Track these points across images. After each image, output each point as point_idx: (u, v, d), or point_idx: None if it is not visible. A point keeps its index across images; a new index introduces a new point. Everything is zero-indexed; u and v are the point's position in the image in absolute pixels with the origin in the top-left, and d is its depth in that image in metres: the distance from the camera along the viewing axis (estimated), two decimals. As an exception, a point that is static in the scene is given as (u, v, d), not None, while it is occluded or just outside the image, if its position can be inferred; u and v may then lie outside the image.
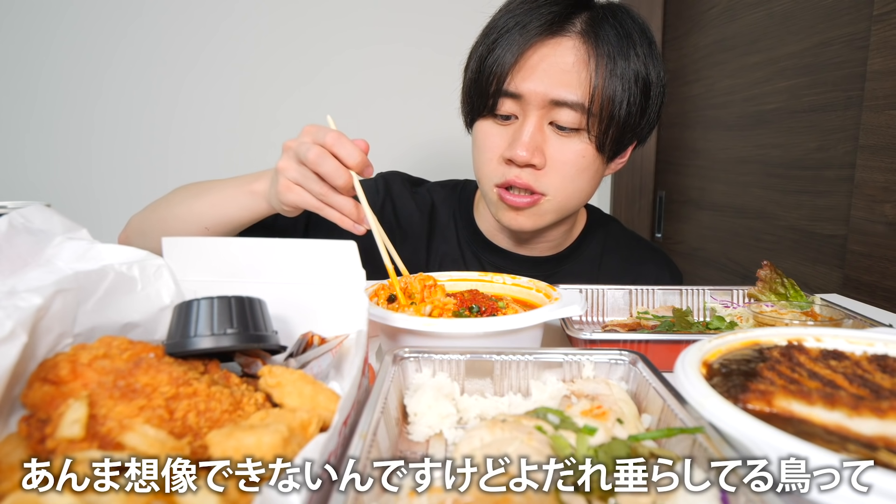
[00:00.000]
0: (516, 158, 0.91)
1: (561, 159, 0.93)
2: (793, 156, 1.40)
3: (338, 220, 0.77)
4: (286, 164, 0.77)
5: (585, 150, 0.93)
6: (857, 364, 0.46)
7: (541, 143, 0.92)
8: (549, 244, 1.11)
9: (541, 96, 0.89)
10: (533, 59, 0.90)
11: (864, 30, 1.16)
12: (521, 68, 0.90)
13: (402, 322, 0.59)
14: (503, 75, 0.90)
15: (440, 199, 1.17)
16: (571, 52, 0.89)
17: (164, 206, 0.96)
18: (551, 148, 0.93)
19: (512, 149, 0.91)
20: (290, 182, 0.77)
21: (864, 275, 1.16)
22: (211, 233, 0.91)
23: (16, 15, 1.71)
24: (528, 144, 0.90)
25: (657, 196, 2.09)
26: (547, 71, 0.89)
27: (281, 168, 0.78)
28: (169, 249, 0.55)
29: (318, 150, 0.74)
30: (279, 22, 1.83)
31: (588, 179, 0.97)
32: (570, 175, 0.94)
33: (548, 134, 0.93)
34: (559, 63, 0.89)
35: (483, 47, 0.94)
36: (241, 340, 0.45)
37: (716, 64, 1.71)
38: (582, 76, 0.89)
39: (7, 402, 0.40)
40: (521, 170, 0.93)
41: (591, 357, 0.50)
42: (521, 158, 0.90)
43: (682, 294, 0.88)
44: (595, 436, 0.39)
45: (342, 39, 1.86)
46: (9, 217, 0.47)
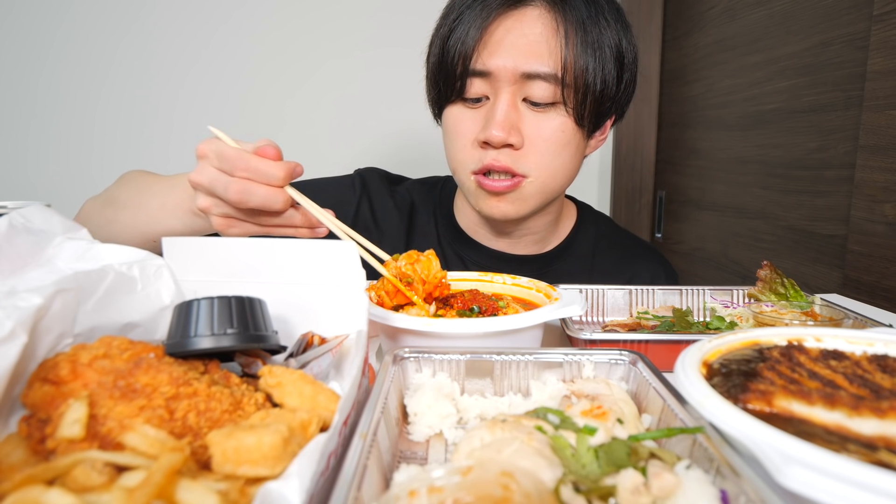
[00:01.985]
0: (492, 139, 0.85)
1: (539, 136, 0.87)
2: (793, 156, 1.40)
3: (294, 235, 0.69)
4: (206, 203, 0.66)
5: (564, 125, 0.88)
6: (857, 364, 0.46)
7: (516, 121, 0.86)
8: (533, 237, 1.06)
9: (510, 71, 0.84)
10: (498, 33, 0.85)
11: (864, 30, 1.15)
12: (487, 44, 0.85)
13: (402, 322, 0.59)
14: (468, 54, 0.85)
15: (420, 197, 1.12)
16: (538, 21, 0.85)
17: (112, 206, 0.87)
18: (528, 125, 0.87)
19: (486, 130, 0.86)
20: (223, 220, 0.67)
21: (864, 275, 1.15)
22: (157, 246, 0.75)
23: (16, 15, 1.71)
24: (502, 123, 0.85)
25: (657, 196, 2.09)
26: (514, 43, 0.84)
27: (203, 209, 0.67)
28: (169, 249, 0.55)
29: (236, 185, 0.63)
30: (280, 23, 1.83)
31: (570, 156, 0.92)
32: (551, 152, 0.89)
33: (523, 111, 0.87)
34: (526, 34, 0.84)
35: (444, 28, 0.89)
36: (241, 340, 0.45)
37: (716, 64, 1.70)
38: (552, 45, 0.84)
39: (7, 402, 0.40)
40: (499, 151, 0.88)
41: (591, 357, 0.50)
42: (497, 138, 0.85)
43: (682, 294, 0.88)
44: (595, 436, 0.39)
45: (346, 43, 1.86)
46: (9, 217, 0.47)
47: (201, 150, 0.66)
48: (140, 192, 0.86)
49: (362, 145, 1.94)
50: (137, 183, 0.89)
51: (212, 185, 0.64)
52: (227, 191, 0.63)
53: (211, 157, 0.65)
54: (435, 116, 1.00)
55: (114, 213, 0.87)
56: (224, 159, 0.64)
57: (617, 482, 0.34)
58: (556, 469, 0.35)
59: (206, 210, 0.67)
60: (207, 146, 0.66)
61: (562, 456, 0.37)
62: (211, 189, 0.65)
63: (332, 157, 1.92)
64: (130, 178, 0.93)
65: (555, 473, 0.35)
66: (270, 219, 0.67)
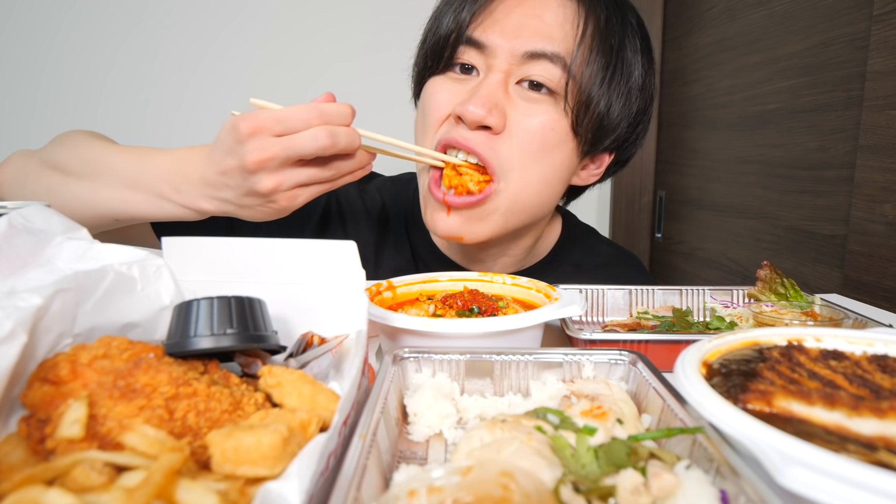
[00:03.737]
0: (466, 114, 0.71)
1: (524, 125, 0.73)
2: (793, 156, 1.40)
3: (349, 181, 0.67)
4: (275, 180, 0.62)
5: (556, 123, 0.74)
6: (857, 364, 0.46)
7: (502, 102, 0.73)
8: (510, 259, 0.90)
9: (509, 50, 0.73)
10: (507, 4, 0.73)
11: (864, 30, 1.15)
12: (492, 13, 0.73)
13: (401, 322, 0.59)
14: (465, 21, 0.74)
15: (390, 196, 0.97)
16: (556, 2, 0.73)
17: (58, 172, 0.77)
18: (515, 110, 0.74)
19: (463, 103, 0.72)
20: (289, 193, 0.63)
21: (864, 275, 1.15)
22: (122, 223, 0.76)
23: (17, 15, 1.71)
24: (485, 98, 0.71)
25: (657, 196, 2.09)
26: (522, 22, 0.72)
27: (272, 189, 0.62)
28: (169, 249, 0.55)
29: (325, 129, 0.60)
30: (285, 27, 1.83)
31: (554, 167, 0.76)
32: (532, 150, 0.74)
33: (513, 95, 0.74)
34: (539, 14, 0.72)
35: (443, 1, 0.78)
36: (240, 340, 0.45)
37: (716, 64, 1.70)
38: (567, 31, 0.73)
39: (7, 402, 0.40)
40: (473, 133, 0.73)
41: (591, 357, 0.50)
42: (473, 116, 0.70)
43: (682, 294, 0.88)
44: (595, 436, 0.39)
45: (351, 46, 1.86)
46: (9, 217, 0.47)
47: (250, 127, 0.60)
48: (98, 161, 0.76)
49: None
50: (92, 149, 0.77)
51: (290, 150, 0.59)
52: (318, 140, 0.59)
53: (269, 126, 0.60)
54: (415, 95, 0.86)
55: (62, 181, 0.76)
56: (291, 118, 0.60)
57: (617, 482, 0.34)
58: (555, 469, 0.35)
59: (274, 190, 0.62)
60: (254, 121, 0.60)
61: (561, 456, 0.36)
62: (289, 154, 0.60)
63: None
64: (79, 140, 0.81)
65: (554, 473, 0.35)
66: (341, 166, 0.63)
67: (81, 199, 0.74)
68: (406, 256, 0.95)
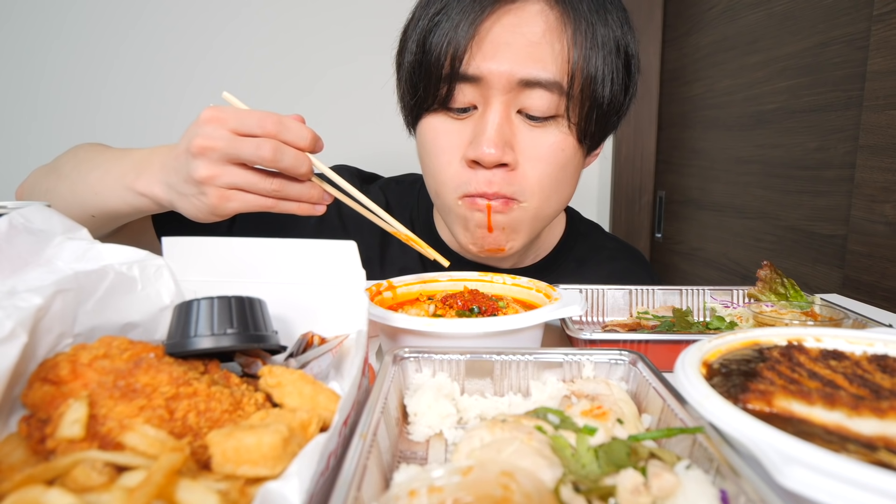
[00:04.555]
0: (483, 158, 0.73)
1: (535, 156, 0.76)
2: (793, 156, 1.40)
3: (296, 211, 0.67)
4: (212, 170, 0.62)
5: (564, 142, 0.76)
6: (857, 364, 0.46)
7: (510, 137, 0.75)
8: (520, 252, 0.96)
9: (506, 77, 0.72)
10: (494, 31, 0.72)
11: (864, 30, 1.15)
12: (481, 42, 0.72)
13: (402, 322, 0.59)
14: (458, 54, 0.72)
15: (395, 197, 0.98)
16: (540, 17, 0.72)
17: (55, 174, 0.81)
18: (523, 142, 0.76)
19: (476, 146, 0.74)
20: (224, 190, 0.63)
21: (864, 275, 1.15)
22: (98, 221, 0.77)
23: (18, 15, 1.71)
24: (495, 139, 0.73)
25: (657, 196, 2.09)
26: (512, 44, 0.71)
27: (206, 178, 0.62)
28: (169, 249, 0.55)
29: (270, 144, 0.60)
30: (286, 27, 1.83)
31: (568, 178, 0.81)
32: (548, 174, 0.77)
33: (517, 125, 0.76)
34: (526, 33, 0.72)
35: (425, 21, 0.75)
36: (241, 340, 0.45)
37: (716, 64, 1.71)
38: (556, 48, 0.72)
39: (7, 402, 0.40)
40: (492, 173, 0.76)
41: (591, 357, 0.50)
42: (490, 157, 0.73)
43: (682, 294, 0.88)
44: (595, 436, 0.39)
45: (350, 46, 1.86)
46: (9, 217, 0.47)
47: (210, 116, 0.61)
48: (82, 161, 0.79)
49: (370, 150, 1.93)
50: (86, 152, 0.81)
51: (232, 148, 0.60)
52: (260, 149, 0.60)
53: (226, 120, 0.61)
54: (408, 126, 0.87)
55: (55, 183, 0.80)
56: (248, 120, 0.61)
57: (617, 482, 0.34)
58: (555, 469, 0.35)
59: (208, 180, 0.62)
60: (217, 111, 0.62)
61: (562, 456, 0.37)
62: (230, 151, 0.60)
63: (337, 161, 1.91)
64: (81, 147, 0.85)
65: (555, 473, 0.35)
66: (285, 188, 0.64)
67: (64, 197, 0.77)
68: (412, 255, 0.95)
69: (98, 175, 0.74)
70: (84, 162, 0.78)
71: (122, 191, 0.72)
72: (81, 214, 0.76)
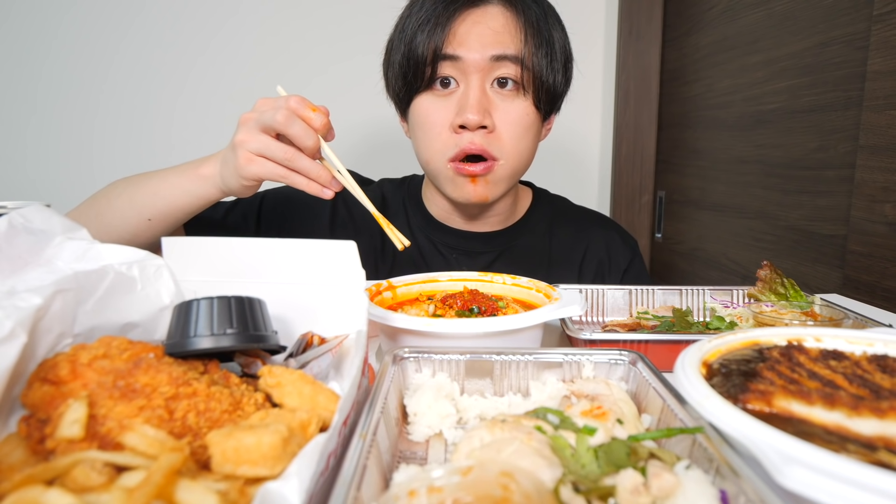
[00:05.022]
0: (468, 122, 0.91)
1: (508, 119, 0.95)
2: (793, 156, 1.40)
3: (304, 187, 0.77)
4: (245, 135, 0.76)
5: (527, 108, 0.96)
6: (857, 364, 0.46)
7: (487, 106, 0.93)
8: (498, 217, 1.13)
9: (479, 56, 0.91)
10: (465, 25, 0.93)
11: (864, 30, 1.15)
12: (456, 34, 0.92)
13: (401, 322, 0.59)
14: (439, 43, 0.92)
15: (390, 191, 1.19)
16: (500, 15, 0.94)
17: (104, 199, 0.91)
18: (497, 110, 0.95)
19: (462, 113, 0.92)
20: (251, 154, 0.75)
21: (864, 275, 1.15)
22: (154, 224, 0.87)
23: (17, 14, 1.71)
24: (477, 106, 0.91)
25: (657, 196, 2.09)
26: (482, 33, 0.92)
27: (240, 141, 0.76)
28: (169, 249, 0.55)
29: (285, 112, 0.73)
30: (282, 24, 1.83)
31: (532, 139, 1.00)
32: (518, 135, 0.96)
33: (492, 97, 0.95)
34: (491, 25, 0.93)
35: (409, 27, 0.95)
36: (240, 340, 0.45)
37: (716, 64, 1.70)
38: (513, 36, 0.93)
39: (7, 402, 0.40)
40: (474, 134, 0.93)
41: (590, 357, 0.50)
42: (474, 120, 0.91)
43: (682, 294, 0.88)
44: (595, 436, 0.39)
45: (349, 45, 1.86)
46: (9, 217, 0.47)
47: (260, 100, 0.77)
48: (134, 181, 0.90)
49: (367, 148, 1.94)
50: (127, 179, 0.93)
51: (260, 117, 0.74)
52: (276, 115, 0.73)
53: (269, 101, 0.76)
54: (400, 112, 1.04)
55: (105, 206, 0.89)
56: (281, 98, 0.75)
57: (616, 482, 0.34)
58: (555, 469, 0.35)
59: (240, 143, 0.75)
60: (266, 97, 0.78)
61: (561, 456, 0.37)
62: (258, 120, 0.75)
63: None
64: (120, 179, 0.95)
65: (554, 473, 0.35)
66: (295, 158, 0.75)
67: (120, 210, 0.87)
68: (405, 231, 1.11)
69: (157, 180, 0.87)
70: (138, 179, 0.90)
71: (184, 181, 0.84)
72: (138, 221, 0.86)
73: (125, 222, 0.86)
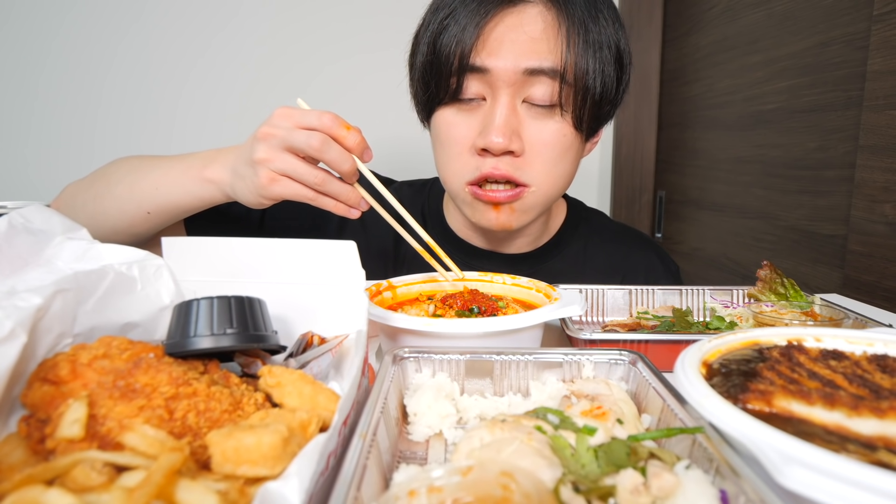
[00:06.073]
0: (492, 146, 0.80)
1: (541, 141, 0.83)
2: (793, 156, 1.40)
3: (332, 208, 0.73)
4: (269, 154, 0.69)
5: (564, 129, 0.84)
6: (857, 364, 0.46)
7: (517, 126, 0.82)
8: (527, 239, 1.02)
9: (511, 69, 0.79)
10: (498, 30, 0.80)
11: (864, 30, 1.15)
12: (486, 41, 0.80)
13: (402, 322, 0.59)
14: (465, 51, 0.79)
15: (408, 198, 1.07)
16: (538, 18, 0.80)
17: (104, 180, 0.86)
18: (528, 130, 0.83)
19: (485, 135, 0.80)
20: (274, 174, 0.70)
21: (864, 275, 1.15)
22: (152, 218, 0.82)
23: (17, 14, 1.71)
24: (503, 128, 0.80)
25: (657, 196, 2.09)
26: (515, 40, 0.79)
27: (262, 160, 0.70)
28: (169, 249, 0.55)
29: (320, 136, 0.68)
30: (283, 24, 1.83)
31: (570, 162, 0.88)
32: (553, 159, 0.85)
33: (522, 115, 0.83)
34: (527, 31, 0.80)
35: (434, 24, 0.83)
36: (240, 340, 0.45)
37: (716, 64, 1.70)
38: (552, 44, 0.80)
39: (7, 402, 0.40)
40: (498, 159, 0.82)
41: (591, 357, 0.50)
42: (498, 145, 0.80)
43: (682, 294, 0.88)
44: (595, 436, 0.39)
45: (348, 45, 1.86)
46: (9, 217, 0.47)
47: (280, 112, 0.71)
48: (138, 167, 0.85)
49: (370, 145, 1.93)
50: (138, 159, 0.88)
51: (290, 136, 0.68)
52: (311, 139, 0.68)
53: (292, 115, 0.70)
54: (422, 120, 0.94)
55: (104, 189, 0.84)
56: (311, 115, 0.69)
57: (616, 482, 0.34)
58: (555, 469, 0.35)
59: (263, 162, 0.70)
60: (287, 108, 0.71)
61: (561, 456, 0.37)
62: (287, 139, 0.68)
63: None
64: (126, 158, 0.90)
65: (554, 473, 0.35)
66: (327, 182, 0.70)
67: (120, 197, 0.82)
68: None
69: (160, 173, 0.81)
70: (140, 166, 0.85)
71: (188, 181, 0.79)
72: (136, 212, 0.82)
73: (123, 212, 0.82)
